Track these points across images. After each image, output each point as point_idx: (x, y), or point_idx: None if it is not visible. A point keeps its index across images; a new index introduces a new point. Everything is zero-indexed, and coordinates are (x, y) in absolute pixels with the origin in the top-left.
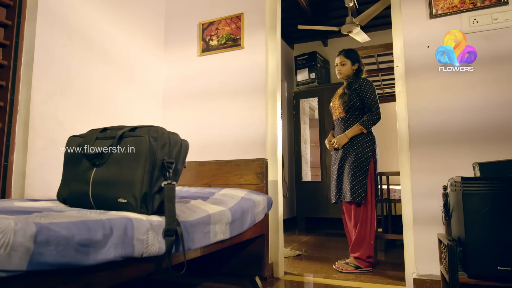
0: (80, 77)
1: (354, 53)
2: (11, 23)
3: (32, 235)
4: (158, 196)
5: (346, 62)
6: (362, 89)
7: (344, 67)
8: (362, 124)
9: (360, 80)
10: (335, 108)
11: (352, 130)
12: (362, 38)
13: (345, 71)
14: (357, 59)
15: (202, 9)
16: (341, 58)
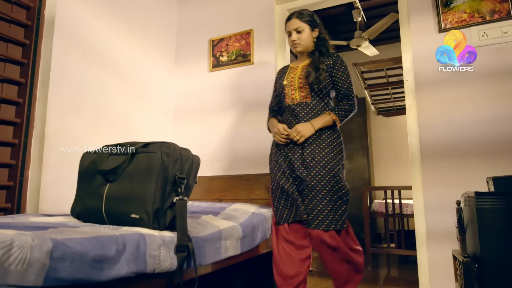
0: (93, 93)
1: (310, 15)
2: (29, 42)
3: (48, 251)
4: (170, 212)
5: (303, 27)
6: (337, 68)
7: (302, 35)
8: (338, 114)
9: (334, 56)
10: (295, 89)
11: (321, 120)
12: (371, 51)
13: (305, 41)
14: (316, 22)
15: (212, 26)
16: (294, 22)
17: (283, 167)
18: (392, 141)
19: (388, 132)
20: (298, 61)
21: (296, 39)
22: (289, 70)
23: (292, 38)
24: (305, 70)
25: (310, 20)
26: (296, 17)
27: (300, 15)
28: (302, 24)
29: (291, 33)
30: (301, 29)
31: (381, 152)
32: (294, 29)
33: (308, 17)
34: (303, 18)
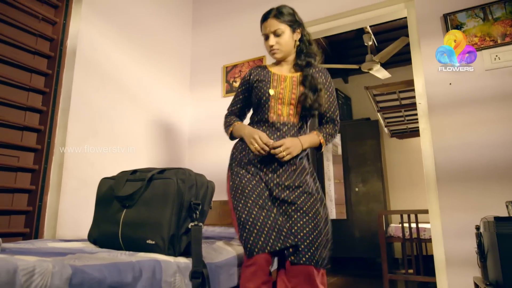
0: (111, 120)
1: (291, 14)
2: (51, 72)
3: (68, 277)
4: (185, 238)
5: (282, 29)
6: (327, 87)
7: (282, 39)
8: (325, 138)
9: (322, 70)
10: (283, 104)
11: (309, 139)
12: (383, 74)
13: (286, 45)
14: (298, 22)
15: (226, 53)
16: (272, 23)
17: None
18: (407, 164)
19: (403, 155)
20: (280, 67)
21: (275, 43)
22: (274, 77)
23: (270, 43)
24: (296, 83)
25: (291, 20)
26: (273, 16)
27: (279, 14)
28: (281, 26)
29: (268, 36)
30: (280, 32)
31: (396, 174)
32: (271, 31)
33: (289, 17)
34: (282, 18)
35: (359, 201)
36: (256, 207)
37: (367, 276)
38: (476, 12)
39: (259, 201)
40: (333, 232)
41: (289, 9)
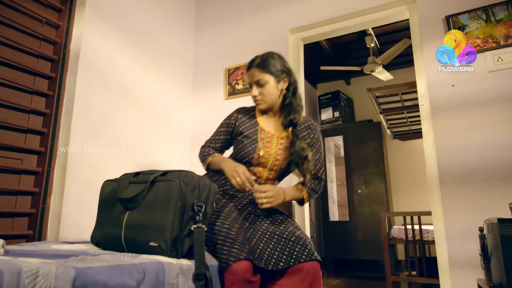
0: (114, 123)
1: (275, 64)
2: (55, 76)
3: (71, 279)
4: (187, 240)
5: (265, 79)
6: (313, 144)
7: (265, 89)
8: (309, 193)
9: (310, 125)
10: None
11: (292, 194)
12: (385, 76)
13: (270, 96)
14: (284, 70)
15: (228, 56)
16: (255, 73)
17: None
18: (410, 165)
19: (405, 156)
20: (268, 117)
21: (258, 94)
22: (261, 134)
23: (253, 93)
24: (282, 147)
25: (276, 70)
26: (256, 66)
27: (262, 63)
28: (264, 76)
29: (252, 85)
30: (263, 82)
31: (398, 176)
32: (254, 81)
33: (274, 66)
34: (265, 68)
35: (361, 203)
36: (229, 220)
37: (369, 278)
38: (478, 14)
39: (236, 219)
40: (335, 234)
41: (275, 57)
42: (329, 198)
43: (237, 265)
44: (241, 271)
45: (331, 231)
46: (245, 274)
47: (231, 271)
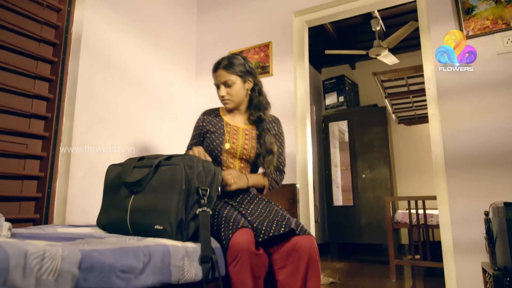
0: (117, 108)
1: (241, 64)
2: (57, 60)
3: (77, 261)
4: (192, 223)
5: (233, 80)
6: (277, 138)
7: (232, 89)
8: (270, 182)
9: (274, 121)
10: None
11: (255, 178)
12: (391, 60)
13: (237, 96)
14: (249, 71)
15: (231, 39)
16: (222, 75)
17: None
18: (415, 150)
19: (410, 141)
20: (233, 115)
21: (226, 94)
22: (227, 128)
23: (221, 94)
24: (248, 137)
25: (241, 71)
26: (223, 67)
27: (229, 65)
28: (231, 77)
29: (219, 86)
30: (230, 83)
31: (403, 161)
32: (221, 82)
33: (239, 67)
34: (232, 69)
35: (366, 188)
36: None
37: (373, 261)
38: None
39: (222, 207)
40: (339, 218)
41: (240, 59)
42: (333, 183)
43: (238, 235)
44: (244, 241)
45: (335, 215)
46: (250, 245)
47: (234, 243)
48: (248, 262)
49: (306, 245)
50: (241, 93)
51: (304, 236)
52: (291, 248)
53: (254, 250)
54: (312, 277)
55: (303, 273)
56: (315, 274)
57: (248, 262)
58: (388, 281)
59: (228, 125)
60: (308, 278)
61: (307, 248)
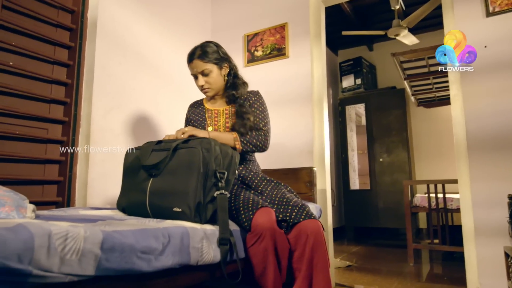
0: (134, 92)
1: (215, 51)
2: (74, 45)
3: (99, 242)
4: (211, 206)
5: (209, 68)
6: (253, 104)
7: (210, 78)
8: (244, 144)
9: (253, 94)
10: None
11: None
12: (411, 40)
13: (215, 83)
14: (224, 57)
15: (246, 21)
16: (198, 65)
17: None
18: (434, 133)
19: (430, 124)
20: (214, 101)
21: (205, 83)
22: (208, 113)
23: (200, 83)
24: (229, 115)
25: (216, 58)
26: (197, 57)
27: (203, 54)
28: (207, 66)
29: (197, 76)
30: (207, 71)
31: (422, 145)
32: (199, 72)
33: (214, 55)
34: (207, 58)
35: (383, 172)
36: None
37: (390, 245)
38: None
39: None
40: (356, 202)
41: (213, 46)
42: (349, 167)
43: (259, 214)
44: (266, 220)
45: (351, 199)
46: (273, 224)
47: (256, 223)
48: (272, 240)
49: (312, 229)
50: (219, 79)
51: (310, 220)
52: (297, 233)
53: (277, 229)
54: (319, 262)
55: (309, 257)
56: (322, 258)
57: (272, 240)
58: (405, 265)
59: (210, 111)
60: (315, 263)
61: (313, 232)
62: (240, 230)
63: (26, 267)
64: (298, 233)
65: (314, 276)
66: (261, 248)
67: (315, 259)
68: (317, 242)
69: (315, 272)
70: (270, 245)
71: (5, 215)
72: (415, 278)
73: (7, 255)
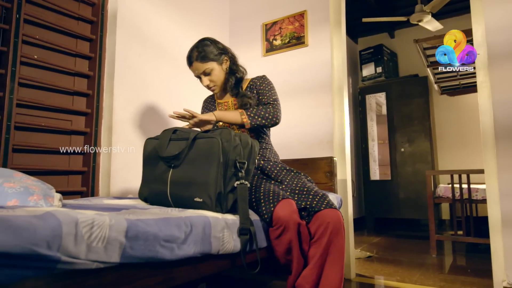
0: (154, 83)
1: (212, 50)
2: (95, 37)
3: (124, 230)
4: (231, 196)
5: (210, 67)
6: (260, 85)
7: (213, 76)
8: (251, 117)
9: (254, 80)
10: (233, 127)
11: (229, 113)
12: (434, 26)
13: (219, 79)
14: (221, 51)
15: (265, 10)
16: (198, 67)
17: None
18: (458, 122)
19: (454, 113)
20: (223, 94)
21: (209, 82)
22: (219, 107)
23: (204, 84)
24: (237, 106)
25: (214, 55)
26: (196, 60)
27: (201, 55)
28: (207, 65)
29: (200, 77)
30: (209, 70)
31: (445, 134)
32: (201, 73)
33: (211, 53)
34: (206, 58)
35: (404, 162)
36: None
37: (411, 237)
38: None
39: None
40: (376, 192)
41: (208, 43)
42: (370, 157)
43: (280, 207)
44: (288, 212)
45: (371, 190)
46: (294, 216)
47: (278, 215)
48: (295, 232)
49: (332, 218)
50: (222, 74)
51: (331, 209)
52: (317, 221)
53: (299, 220)
54: (333, 253)
55: (325, 247)
56: (338, 249)
57: (295, 232)
58: (428, 257)
59: (220, 104)
60: (330, 252)
61: (333, 221)
62: (260, 219)
63: (55, 253)
64: (318, 222)
65: (326, 265)
66: (285, 240)
67: (331, 248)
68: (335, 232)
69: (327, 262)
70: (294, 236)
71: (33, 203)
72: (438, 269)
73: (37, 241)
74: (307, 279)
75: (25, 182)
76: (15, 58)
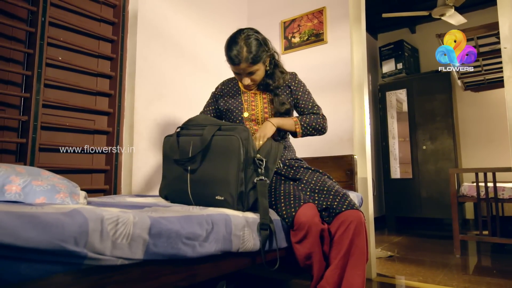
0: (174, 82)
1: (258, 49)
2: (116, 38)
3: (147, 227)
4: (252, 193)
5: (256, 68)
6: (297, 85)
7: (256, 76)
8: (302, 127)
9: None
10: (258, 125)
11: (283, 120)
12: (457, 20)
13: (260, 77)
14: (266, 50)
15: (283, 7)
16: (245, 68)
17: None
18: (483, 119)
19: (478, 109)
20: (252, 89)
21: (251, 83)
22: (244, 96)
23: (245, 83)
24: (267, 102)
25: (261, 56)
26: (246, 61)
27: (252, 57)
28: (256, 67)
29: (241, 75)
30: (254, 71)
31: (469, 131)
32: (246, 73)
33: (262, 54)
34: (257, 61)
35: (426, 160)
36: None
37: (433, 236)
38: None
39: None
40: (397, 191)
41: (255, 42)
42: (390, 155)
43: (302, 212)
44: (310, 217)
45: (392, 188)
46: (316, 221)
47: (299, 220)
48: (318, 237)
49: (353, 219)
50: (263, 73)
51: (352, 210)
52: (338, 223)
53: (321, 226)
54: (354, 254)
55: (347, 249)
56: (360, 251)
57: (317, 237)
58: (451, 257)
59: (246, 94)
60: (351, 254)
61: (354, 223)
62: (280, 220)
63: (82, 249)
64: (339, 223)
65: (347, 267)
66: (306, 245)
67: (353, 250)
68: (357, 233)
69: (349, 263)
70: (316, 242)
71: (60, 201)
72: (462, 270)
73: (65, 238)
74: (328, 281)
75: (51, 180)
76: (41, 60)
